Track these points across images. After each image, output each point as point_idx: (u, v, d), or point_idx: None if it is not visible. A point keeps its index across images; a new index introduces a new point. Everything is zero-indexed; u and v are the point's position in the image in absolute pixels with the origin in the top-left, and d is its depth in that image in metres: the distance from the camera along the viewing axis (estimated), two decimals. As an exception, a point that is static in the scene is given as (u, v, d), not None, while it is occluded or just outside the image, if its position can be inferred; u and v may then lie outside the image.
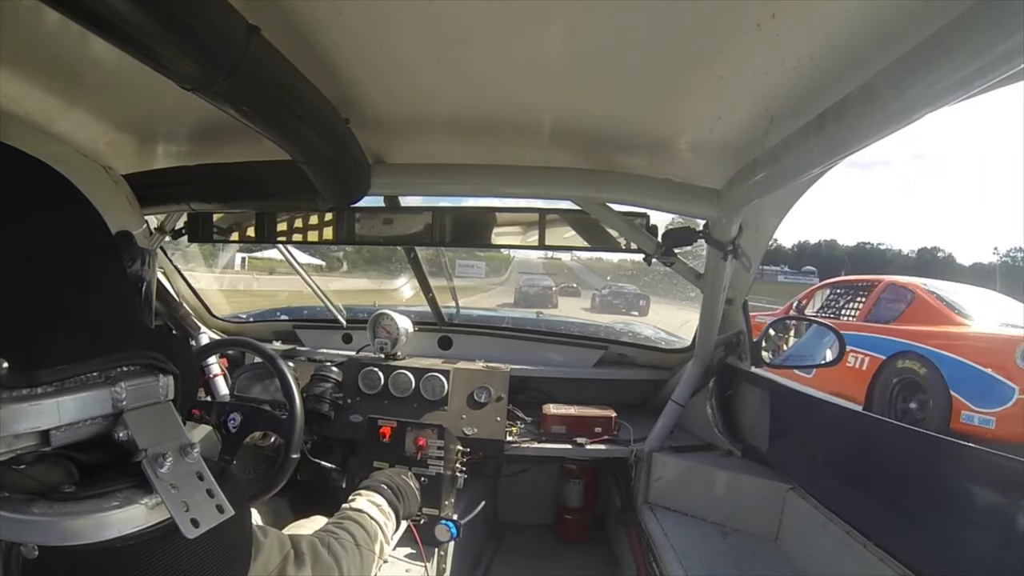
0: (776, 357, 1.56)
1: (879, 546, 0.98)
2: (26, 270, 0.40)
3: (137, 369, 0.45)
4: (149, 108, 0.97)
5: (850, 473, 1.13)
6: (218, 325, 2.16)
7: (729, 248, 1.15)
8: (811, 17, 0.57)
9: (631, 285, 10.89)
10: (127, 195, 0.54)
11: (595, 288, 12.32)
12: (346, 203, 1.24)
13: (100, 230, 0.47)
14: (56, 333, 0.41)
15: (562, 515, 2.04)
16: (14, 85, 0.81)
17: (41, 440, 0.39)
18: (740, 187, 0.98)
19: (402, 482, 1.07)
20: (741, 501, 1.38)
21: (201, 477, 0.45)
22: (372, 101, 0.91)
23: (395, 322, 1.77)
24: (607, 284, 12.27)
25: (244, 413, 1.36)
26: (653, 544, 1.36)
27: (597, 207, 1.23)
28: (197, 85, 0.62)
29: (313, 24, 0.68)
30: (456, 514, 1.44)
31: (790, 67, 0.66)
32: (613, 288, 11.81)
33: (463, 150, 1.14)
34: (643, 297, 9.84)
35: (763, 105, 0.78)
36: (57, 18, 0.50)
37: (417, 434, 1.46)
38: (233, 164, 1.18)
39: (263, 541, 0.60)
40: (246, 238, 1.51)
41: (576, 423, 1.63)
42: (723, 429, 1.55)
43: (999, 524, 0.76)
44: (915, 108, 0.53)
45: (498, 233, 1.36)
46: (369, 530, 0.87)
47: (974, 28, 0.45)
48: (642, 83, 0.79)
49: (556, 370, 1.94)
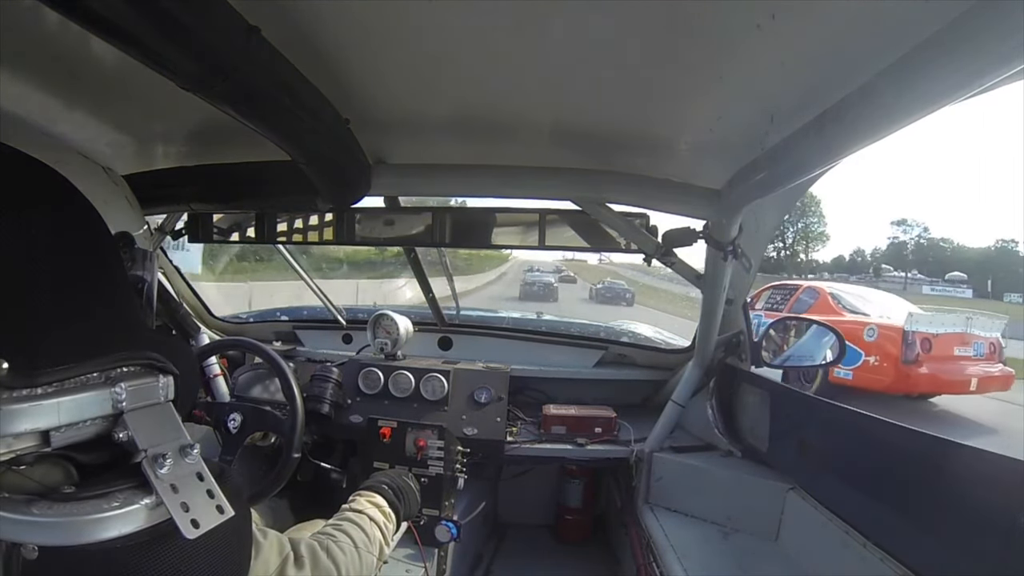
0: (776, 357, 1.56)
1: (879, 546, 0.97)
2: (26, 271, 0.40)
3: (137, 370, 0.45)
4: (149, 108, 0.97)
5: (850, 473, 1.13)
6: (218, 325, 2.16)
7: (729, 248, 1.14)
8: (811, 17, 0.57)
9: (621, 282, 16.18)
10: (127, 196, 0.54)
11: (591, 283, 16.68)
12: (346, 203, 1.24)
13: (100, 231, 0.47)
14: (56, 334, 0.40)
15: (562, 515, 2.04)
16: (14, 85, 0.81)
17: (41, 441, 0.39)
18: (740, 187, 0.98)
19: (403, 483, 1.07)
20: (741, 501, 1.37)
21: (201, 478, 0.45)
22: (372, 101, 0.91)
23: (395, 322, 1.77)
24: (602, 281, 17.07)
25: (244, 413, 1.36)
26: (653, 544, 1.36)
27: (597, 207, 1.23)
28: (197, 85, 0.62)
29: (313, 24, 0.68)
30: (456, 515, 1.45)
31: (790, 67, 0.66)
32: (607, 284, 16.23)
33: (463, 150, 1.14)
34: (629, 291, 15.20)
35: (763, 105, 0.78)
36: (57, 18, 0.50)
37: (417, 435, 1.46)
38: (233, 164, 1.18)
39: (263, 542, 0.60)
40: (246, 238, 1.51)
41: (576, 423, 1.63)
42: (723, 429, 1.54)
43: (999, 524, 0.76)
44: (915, 108, 0.53)
45: (498, 233, 1.36)
46: (369, 532, 0.87)
47: (974, 28, 0.45)
48: (642, 83, 0.79)
49: (556, 370, 1.93)
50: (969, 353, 5.18)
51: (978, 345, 5.25)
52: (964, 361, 5.13)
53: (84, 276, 0.44)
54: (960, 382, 5.06)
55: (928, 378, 4.93)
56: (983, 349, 5.29)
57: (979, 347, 5.26)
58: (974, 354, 5.20)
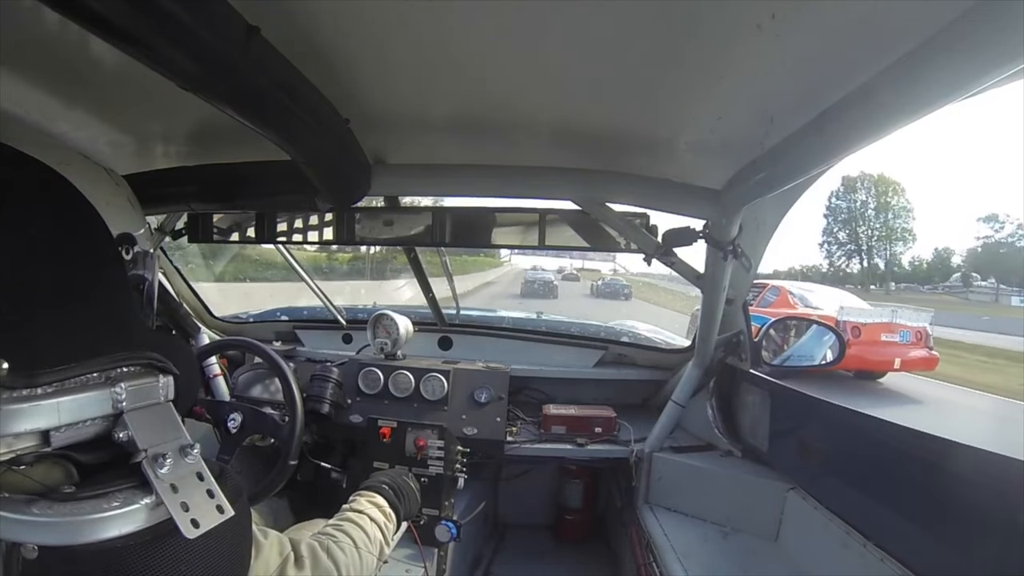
0: (776, 357, 1.56)
1: (879, 546, 0.97)
2: (27, 271, 0.40)
3: (137, 369, 0.45)
4: (149, 108, 0.97)
5: (850, 473, 1.13)
6: (218, 325, 2.16)
7: (729, 248, 1.14)
8: (811, 17, 0.57)
9: (621, 279, 17.33)
10: (128, 197, 0.54)
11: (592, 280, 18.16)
12: (346, 203, 1.24)
13: (101, 231, 0.47)
14: (56, 334, 0.41)
15: (562, 515, 2.04)
16: (14, 85, 0.81)
17: (41, 440, 0.39)
18: (740, 187, 0.98)
19: (403, 483, 1.07)
20: (741, 501, 1.38)
21: (201, 477, 0.45)
22: (372, 101, 0.91)
23: (395, 322, 1.77)
24: (602, 278, 18.05)
25: (244, 414, 1.36)
26: (653, 544, 1.36)
27: (597, 207, 1.23)
28: (197, 85, 0.62)
29: (313, 24, 0.68)
30: (456, 515, 1.45)
31: (790, 67, 0.66)
32: (607, 280, 17.48)
33: (463, 150, 1.14)
34: (627, 287, 16.79)
35: (763, 105, 0.78)
36: (57, 18, 0.50)
37: (417, 434, 1.46)
38: (233, 164, 1.18)
39: (263, 542, 0.60)
40: (246, 238, 1.51)
41: (576, 423, 1.63)
42: (723, 429, 1.54)
43: (999, 524, 0.76)
44: (915, 108, 0.53)
45: (498, 233, 1.36)
46: (369, 531, 0.87)
47: (974, 28, 0.45)
48: (642, 83, 0.79)
49: (556, 370, 1.93)
50: (895, 339, 6.08)
51: (904, 333, 6.14)
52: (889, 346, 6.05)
53: (84, 276, 0.44)
54: (884, 362, 6.03)
55: (855, 358, 5.73)
56: (909, 336, 6.16)
57: (905, 335, 6.15)
58: (899, 340, 6.10)
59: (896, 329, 6.11)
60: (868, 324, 5.98)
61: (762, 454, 1.43)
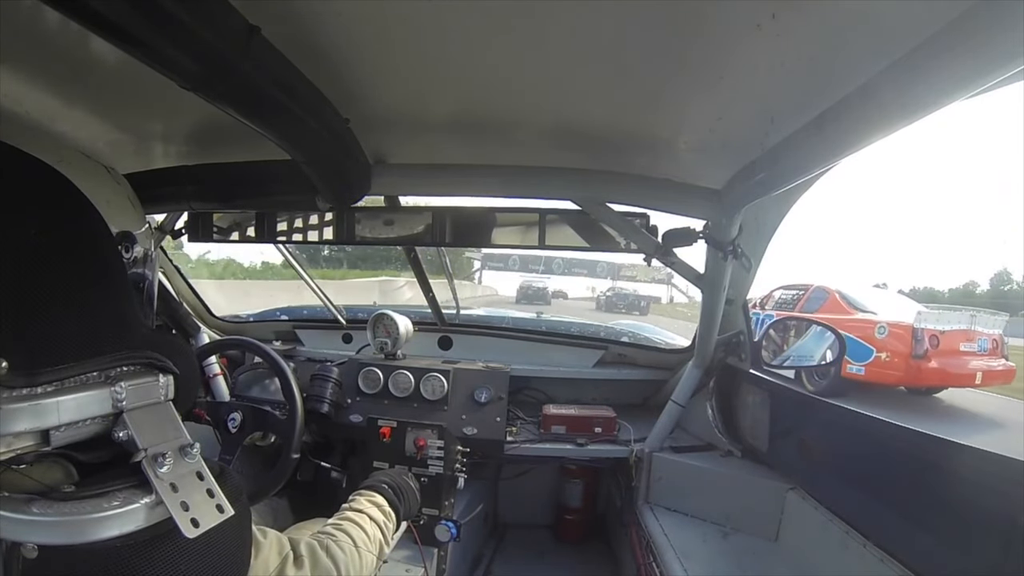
0: (776, 358, 1.56)
1: (879, 546, 0.98)
2: (27, 270, 0.40)
3: (137, 369, 0.45)
4: (149, 108, 0.97)
5: (850, 473, 1.13)
6: (218, 325, 2.16)
7: (729, 248, 1.15)
8: (811, 17, 0.57)
9: (631, 286, 16.58)
10: (129, 195, 0.54)
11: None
12: (346, 203, 1.24)
13: (100, 230, 0.47)
14: (56, 333, 0.40)
15: (562, 515, 2.04)
16: (14, 85, 0.81)
17: (41, 440, 0.39)
18: (740, 187, 0.98)
19: (403, 482, 1.07)
20: (741, 501, 1.38)
21: (201, 477, 0.45)
22: (372, 101, 0.91)
23: (395, 322, 1.77)
24: (612, 287, 17.17)
25: (244, 413, 1.36)
26: (653, 544, 1.36)
27: (597, 207, 1.23)
28: (197, 85, 0.62)
29: (313, 24, 0.68)
30: (456, 514, 1.45)
31: (790, 67, 0.66)
32: (616, 289, 16.59)
33: (463, 150, 1.14)
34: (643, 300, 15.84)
35: (763, 105, 0.78)
36: (57, 18, 0.50)
37: (417, 434, 1.46)
38: (233, 164, 1.18)
39: (263, 542, 0.60)
40: (246, 238, 1.51)
41: (576, 423, 1.63)
42: (723, 429, 1.55)
43: (999, 524, 0.76)
44: (915, 108, 0.53)
45: (498, 233, 1.36)
46: (369, 531, 0.87)
47: (974, 28, 0.45)
48: (642, 83, 0.79)
49: (556, 370, 1.94)
50: (973, 348, 5.44)
51: (982, 341, 5.51)
52: (969, 356, 5.39)
53: (84, 275, 0.44)
54: (966, 375, 5.34)
55: (937, 372, 5.17)
56: (987, 345, 5.55)
57: (983, 343, 5.53)
58: (978, 349, 5.46)
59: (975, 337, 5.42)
60: (947, 332, 5.22)
61: (762, 454, 1.43)
